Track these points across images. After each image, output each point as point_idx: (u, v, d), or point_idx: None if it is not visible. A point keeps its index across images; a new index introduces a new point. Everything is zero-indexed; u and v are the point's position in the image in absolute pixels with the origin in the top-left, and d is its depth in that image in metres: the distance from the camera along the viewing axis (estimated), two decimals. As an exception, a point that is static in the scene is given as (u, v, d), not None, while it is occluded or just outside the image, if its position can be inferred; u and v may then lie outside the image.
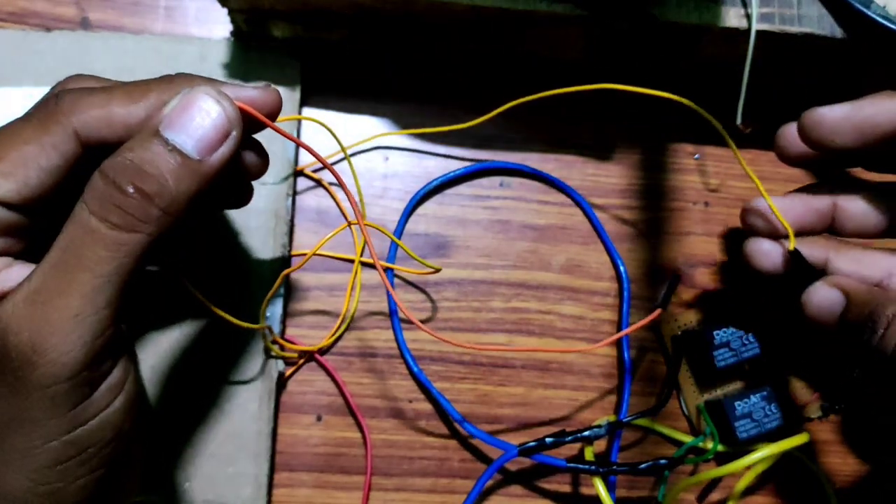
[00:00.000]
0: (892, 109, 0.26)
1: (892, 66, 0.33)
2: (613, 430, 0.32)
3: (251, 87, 0.23)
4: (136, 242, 0.20)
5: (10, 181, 0.21)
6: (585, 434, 0.31)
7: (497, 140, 0.37)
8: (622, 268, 0.36)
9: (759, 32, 0.31)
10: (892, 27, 0.31)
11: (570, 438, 0.31)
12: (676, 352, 0.35)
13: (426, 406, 0.34)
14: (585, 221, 0.37)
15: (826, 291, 0.27)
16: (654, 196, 0.37)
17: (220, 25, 0.36)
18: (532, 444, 0.31)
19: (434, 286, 0.35)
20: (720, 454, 0.33)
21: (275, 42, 0.34)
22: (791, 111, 0.37)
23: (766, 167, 0.38)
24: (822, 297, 0.27)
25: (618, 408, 0.35)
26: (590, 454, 0.32)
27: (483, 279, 0.36)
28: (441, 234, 0.36)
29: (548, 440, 0.31)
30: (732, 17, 0.32)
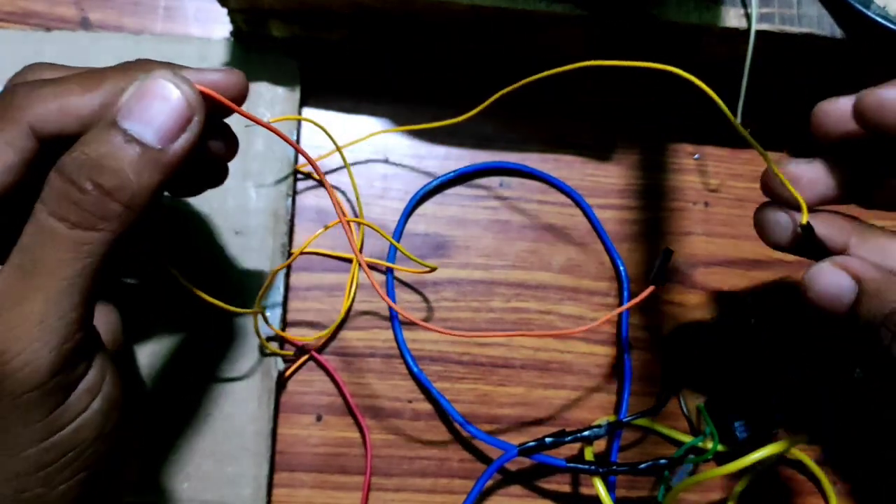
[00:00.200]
0: None
1: (893, 66, 0.33)
2: (613, 430, 0.32)
3: (213, 70, 0.22)
4: (99, 241, 0.19)
5: None
6: (585, 434, 0.31)
7: (497, 140, 0.37)
8: (622, 268, 0.36)
9: (759, 32, 0.31)
10: (892, 27, 0.31)
11: (570, 438, 0.31)
12: (677, 352, 0.35)
13: (426, 406, 0.34)
14: (585, 221, 0.37)
15: (834, 275, 0.23)
16: (654, 196, 0.37)
17: (220, 25, 0.36)
18: (532, 444, 0.31)
19: (433, 286, 0.35)
20: (720, 454, 0.33)
21: (274, 42, 0.34)
22: (791, 111, 0.37)
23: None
24: (830, 282, 0.23)
25: (617, 408, 0.35)
26: (589, 454, 0.32)
27: (483, 279, 0.36)
28: (441, 234, 0.36)
29: (547, 440, 0.31)
30: (732, 17, 0.32)
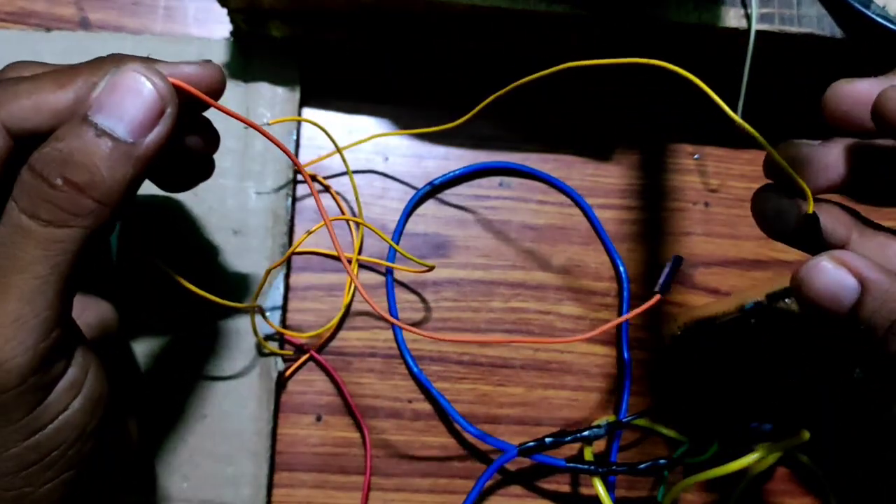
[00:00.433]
0: None
1: (893, 67, 0.33)
2: (613, 431, 0.32)
3: (189, 64, 0.22)
4: (72, 238, 0.19)
5: None
6: (585, 434, 0.31)
7: (497, 140, 0.37)
8: (622, 268, 0.36)
9: (759, 32, 0.31)
10: (892, 27, 0.31)
11: (570, 438, 0.31)
12: (677, 352, 0.35)
13: (426, 406, 0.34)
14: (585, 221, 0.37)
15: (836, 273, 0.22)
16: (654, 196, 0.37)
17: (220, 25, 0.36)
18: (532, 444, 0.31)
19: (433, 286, 0.35)
20: (720, 454, 0.33)
21: (274, 42, 0.34)
22: (791, 111, 0.37)
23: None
24: (830, 281, 0.22)
25: (617, 408, 0.35)
26: (589, 454, 0.32)
27: (482, 279, 0.36)
28: (441, 234, 0.36)
29: (547, 440, 0.31)
30: (732, 18, 0.32)
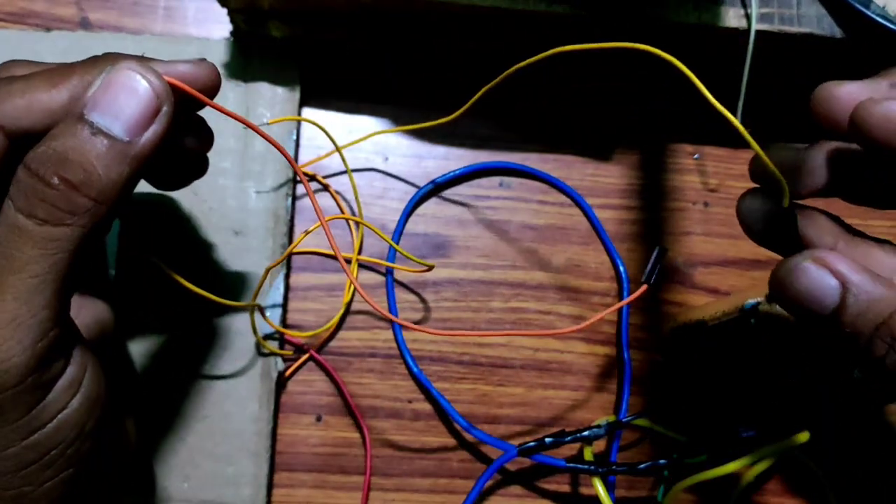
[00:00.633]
0: None
1: (893, 67, 0.33)
2: (613, 430, 0.32)
3: (184, 62, 0.22)
4: (69, 237, 0.19)
5: None
6: (585, 434, 0.31)
7: (497, 140, 0.37)
8: (622, 268, 0.36)
9: (759, 32, 0.31)
10: (892, 27, 0.31)
11: (570, 438, 0.31)
12: (676, 351, 0.35)
13: (426, 406, 0.34)
14: (585, 221, 0.37)
15: (818, 274, 0.21)
16: (654, 196, 0.37)
17: (220, 25, 0.36)
18: (531, 445, 0.31)
19: (433, 286, 0.35)
20: (719, 454, 0.33)
21: (274, 42, 0.34)
22: (791, 111, 0.37)
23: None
24: (812, 282, 0.21)
25: (617, 408, 0.35)
26: (589, 454, 0.32)
27: (482, 279, 0.36)
28: (441, 234, 0.36)
29: (547, 440, 0.31)
30: (732, 18, 0.32)
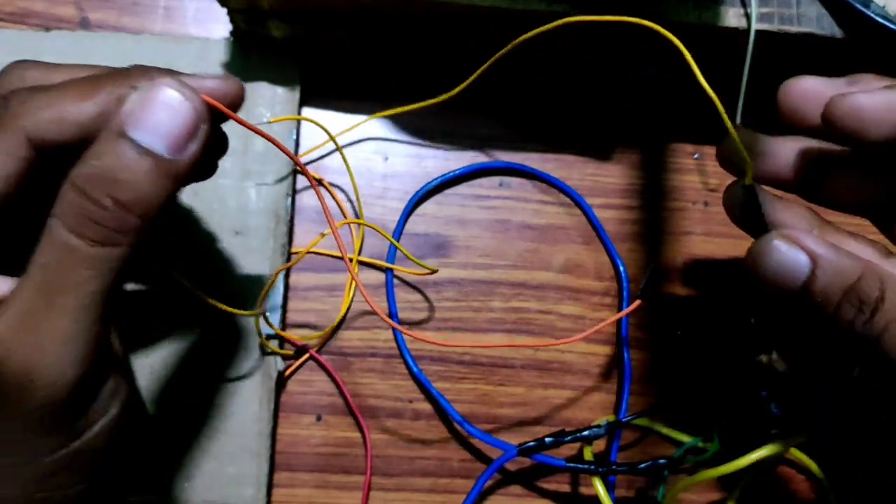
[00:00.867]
0: None
1: (892, 66, 0.33)
2: (613, 430, 0.32)
3: (211, 77, 0.22)
4: (118, 256, 0.19)
5: None
6: (585, 434, 0.32)
7: (497, 140, 0.37)
8: (622, 268, 0.36)
9: (759, 32, 0.31)
10: (892, 27, 0.31)
11: (570, 438, 0.31)
12: (676, 351, 0.35)
13: (426, 406, 0.34)
14: (585, 221, 0.37)
15: (789, 251, 0.23)
16: (654, 196, 0.37)
17: (220, 25, 0.36)
18: (531, 444, 0.31)
19: (434, 286, 0.35)
20: (720, 454, 0.33)
21: (274, 42, 0.34)
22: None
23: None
24: (784, 259, 0.23)
25: (617, 408, 0.35)
26: (589, 454, 0.32)
27: (483, 279, 0.36)
28: (441, 234, 0.36)
29: (547, 440, 0.31)
30: (732, 17, 0.32)
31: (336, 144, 0.33)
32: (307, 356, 0.34)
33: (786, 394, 0.34)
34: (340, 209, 0.35)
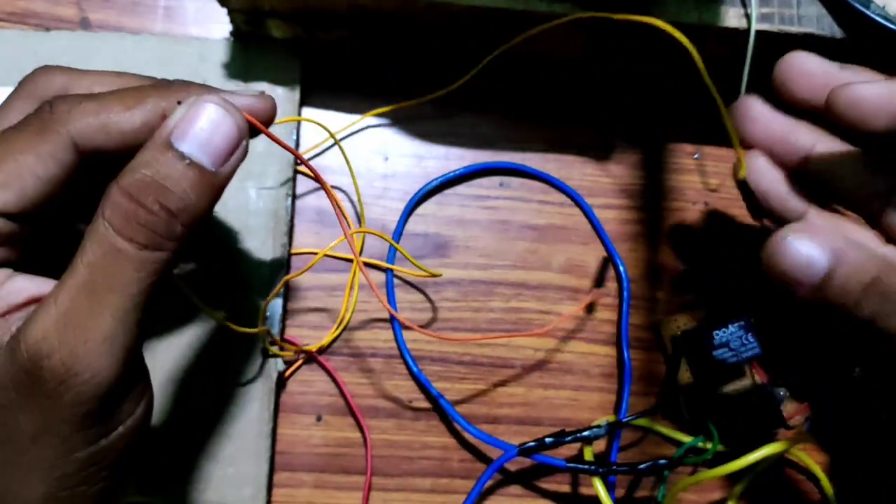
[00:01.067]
0: None
1: (892, 66, 0.33)
2: (613, 430, 0.32)
3: (248, 95, 0.23)
4: (162, 261, 0.20)
5: (8, 191, 0.21)
6: (585, 434, 0.32)
7: (497, 140, 0.37)
8: (622, 268, 0.36)
9: (759, 32, 0.31)
10: (892, 27, 0.31)
11: (570, 438, 0.31)
12: (676, 352, 0.35)
13: (426, 406, 0.34)
14: (585, 221, 0.37)
15: (805, 247, 0.22)
16: (654, 196, 0.37)
17: (220, 25, 0.36)
18: (532, 444, 0.31)
19: (434, 287, 0.35)
20: (720, 454, 0.33)
21: (274, 42, 0.34)
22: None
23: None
24: (799, 255, 0.22)
25: (617, 408, 0.35)
26: (589, 454, 0.32)
27: (483, 279, 0.36)
28: (441, 235, 0.36)
29: (547, 440, 0.31)
30: (732, 17, 0.32)
31: (339, 145, 0.33)
32: (307, 357, 0.34)
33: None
34: (340, 208, 0.35)
